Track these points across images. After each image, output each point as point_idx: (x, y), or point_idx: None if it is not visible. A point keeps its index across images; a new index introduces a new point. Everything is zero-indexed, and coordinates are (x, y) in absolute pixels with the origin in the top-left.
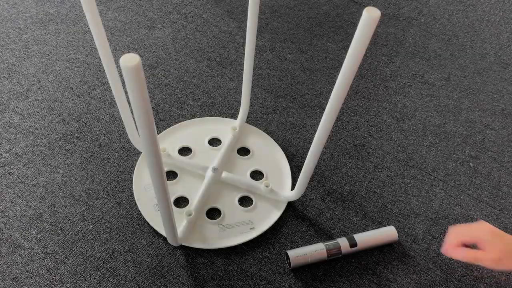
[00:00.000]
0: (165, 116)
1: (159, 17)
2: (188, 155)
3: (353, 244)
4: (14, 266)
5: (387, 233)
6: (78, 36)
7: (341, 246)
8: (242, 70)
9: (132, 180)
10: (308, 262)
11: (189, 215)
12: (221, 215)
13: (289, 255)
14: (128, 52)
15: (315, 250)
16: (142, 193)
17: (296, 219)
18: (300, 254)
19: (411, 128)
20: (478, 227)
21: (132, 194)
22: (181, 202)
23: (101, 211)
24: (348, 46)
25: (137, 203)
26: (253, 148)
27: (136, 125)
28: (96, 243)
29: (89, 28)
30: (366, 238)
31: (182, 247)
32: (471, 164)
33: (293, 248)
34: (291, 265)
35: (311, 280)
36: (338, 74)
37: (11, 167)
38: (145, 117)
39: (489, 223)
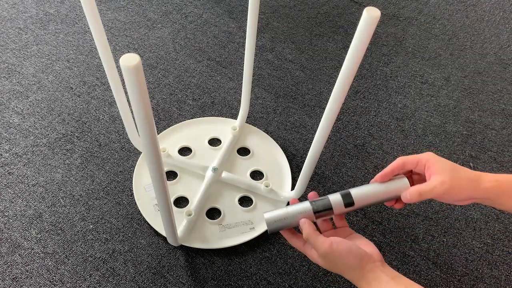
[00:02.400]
0: (165, 116)
1: (159, 17)
2: (188, 155)
3: (348, 203)
4: (14, 266)
5: (395, 184)
6: (78, 36)
7: (333, 205)
8: (242, 70)
9: (132, 180)
10: (289, 226)
11: (189, 215)
12: (221, 215)
13: (265, 217)
14: (128, 52)
15: (299, 212)
16: (142, 193)
17: None
18: (280, 216)
19: (411, 128)
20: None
21: (132, 194)
22: (181, 202)
23: (101, 211)
24: (348, 46)
25: (137, 203)
26: (253, 148)
27: (136, 125)
28: (96, 243)
29: (89, 28)
30: (367, 192)
31: (182, 247)
32: (471, 164)
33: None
34: (268, 229)
35: (311, 280)
36: (338, 74)
37: (11, 167)
38: (145, 117)
39: (489, 223)
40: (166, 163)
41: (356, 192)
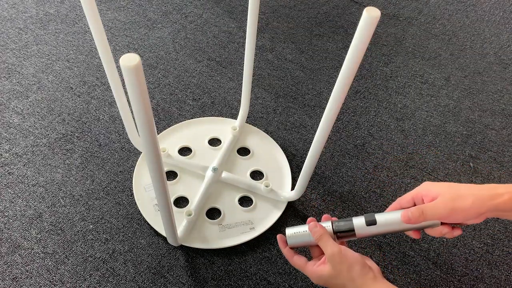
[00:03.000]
0: (165, 116)
1: (159, 17)
2: (188, 155)
3: (370, 221)
4: (14, 266)
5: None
6: (78, 36)
7: (355, 225)
8: (242, 70)
9: (132, 180)
10: (308, 243)
11: (189, 215)
12: (221, 215)
13: (287, 232)
14: (128, 52)
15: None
16: (142, 193)
17: (296, 219)
18: (301, 231)
19: (411, 128)
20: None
21: (132, 194)
22: (181, 202)
23: (101, 211)
24: (348, 46)
25: (137, 203)
26: (253, 148)
27: (136, 125)
28: (96, 243)
29: (89, 28)
30: (391, 218)
31: (182, 247)
32: (471, 164)
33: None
34: (288, 243)
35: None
36: (338, 74)
37: (11, 167)
38: (145, 117)
39: (489, 223)
40: (166, 163)
41: (380, 217)
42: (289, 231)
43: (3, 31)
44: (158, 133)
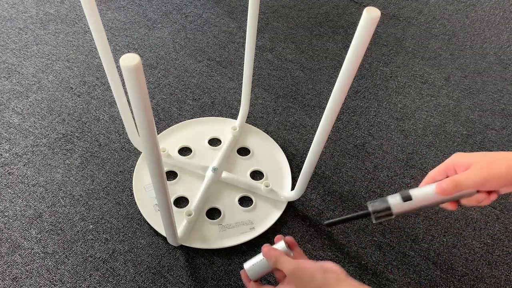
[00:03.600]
0: (165, 116)
1: (159, 17)
2: (188, 155)
3: (406, 197)
4: (14, 266)
5: None
6: (78, 36)
7: (391, 203)
8: (242, 70)
9: (132, 180)
10: (269, 271)
11: (189, 215)
12: (221, 215)
13: (245, 268)
14: (128, 52)
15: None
16: (142, 193)
17: (296, 219)
18: (258, 262)
19: (411, 128)
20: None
21: (132, 194)
22: (181, 202)
23: (101, 211)
24: (348, 46)
25: (137, 203)
26: (253, 148)
27: (136, 125)
28: (96, 243)
29: (89, 28)
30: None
31: (182, 247)
32: None
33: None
34: (250, 277)
35: None
36: (338, 74)
37: (11, 167)
38: (145, 117)
39: (489, 223)
40: (166, 163)
41: (415, 192)
42: (247, 264)
43: (3, 31)
44: (158, 133)
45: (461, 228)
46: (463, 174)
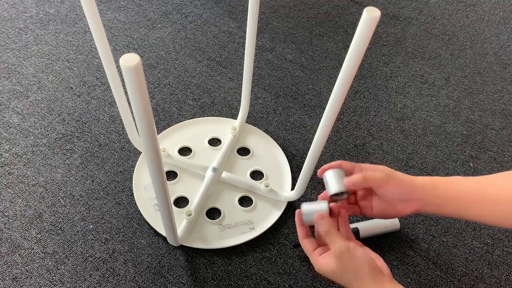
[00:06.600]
0: (165, 116)
1: (159, 17)
2: (188, 155)
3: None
4: (14, 266)
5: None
6: (78, 36)
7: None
8: (242, 70)
9: (132, 180)
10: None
11: (189, 215)
12: (221, 215)
13: (302, 209)
14: (128, 52)
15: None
16: (142, 193)
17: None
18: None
19: (411, 128)
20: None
21: (132, 194)
22: (181, 202)
23: (101, 211)
24: (348, 46)
25: (137, 203)
26: (253, 148)
27: (136, 125)
28: (96, 243)
29: (89, 28)
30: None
31: (182, 247)
32: (471, 164)
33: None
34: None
35: (311, 280)
36: (338, 74)
37: (11, 167)
38: (145, 117)
39: None
40: (166, 163)
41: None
42: (305, 207)
43: (3, 31)
44: (158, 133)
45: (461, 228)
46: (369, 171)
